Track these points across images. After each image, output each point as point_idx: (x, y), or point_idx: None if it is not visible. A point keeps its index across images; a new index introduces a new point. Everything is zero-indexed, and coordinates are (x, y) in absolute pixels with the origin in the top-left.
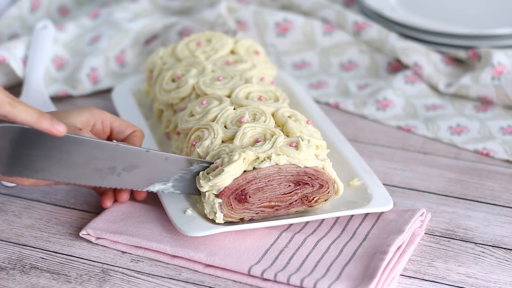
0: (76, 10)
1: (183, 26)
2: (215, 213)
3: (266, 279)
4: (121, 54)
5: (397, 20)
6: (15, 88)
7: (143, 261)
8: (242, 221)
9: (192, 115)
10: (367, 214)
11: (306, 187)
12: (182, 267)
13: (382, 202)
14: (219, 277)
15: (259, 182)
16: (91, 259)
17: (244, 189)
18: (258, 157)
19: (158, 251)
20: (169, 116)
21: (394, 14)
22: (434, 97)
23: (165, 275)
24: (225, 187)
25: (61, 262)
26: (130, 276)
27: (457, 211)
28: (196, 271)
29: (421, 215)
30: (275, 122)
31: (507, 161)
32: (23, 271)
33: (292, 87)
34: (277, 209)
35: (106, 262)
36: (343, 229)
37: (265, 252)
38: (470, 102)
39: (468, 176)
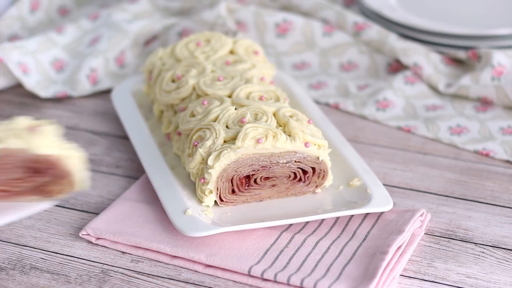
0: (76, 11)
1: (182, 27)
2: None
3: (266, 279)
4: (121, 55)
5: (397, 20)
6: (14, 88)
7: (143, 262)
8: None
9: (193, 115)
10: (367, 214)
11: (41, 176)
12: (182, 267)
13: (382, 202)
14: (219, 277)
15: None
16: (91, 260)
17: None
18: None
19: (158, 252)
20: (170, 116)
21: (394, 14)
22: (434, 97)
23: (165, 275)
24: None
25: (61, 262)
26: (130, 276)
27: (457, 211)
28: (196, 271)
29: (421, 216)
30: (277, 122)
31: (507, 161)
32: (23, 271)
33: (292, 88)
34: (6, 195)
35: (106, 263)
36: (343, 229)
37: (265, 252)
38: (470, 102)
39: (468, 176)
